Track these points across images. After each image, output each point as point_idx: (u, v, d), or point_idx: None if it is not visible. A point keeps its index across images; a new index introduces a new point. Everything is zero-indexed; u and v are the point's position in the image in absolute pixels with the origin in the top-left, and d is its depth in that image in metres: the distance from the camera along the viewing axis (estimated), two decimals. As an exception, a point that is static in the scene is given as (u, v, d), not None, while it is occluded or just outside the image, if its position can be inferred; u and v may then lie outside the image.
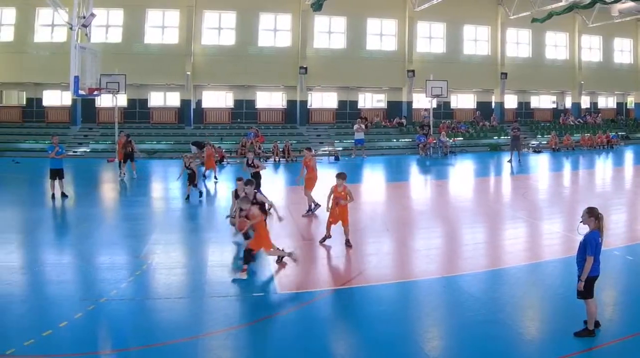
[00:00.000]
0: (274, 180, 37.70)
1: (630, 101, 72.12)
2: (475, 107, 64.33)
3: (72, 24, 34.45)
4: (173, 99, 56.20)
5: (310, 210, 24.48)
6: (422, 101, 58.35)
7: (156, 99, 56.40)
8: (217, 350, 11.77)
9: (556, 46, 64.36)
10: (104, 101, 52.11)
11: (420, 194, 34.36)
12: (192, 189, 28.27)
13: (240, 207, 17.24)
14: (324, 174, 28.34)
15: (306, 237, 21.02)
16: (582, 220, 12.00)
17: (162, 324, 13.03)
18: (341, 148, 51.39)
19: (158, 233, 21.39)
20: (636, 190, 33.51)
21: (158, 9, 52.70)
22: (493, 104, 63.06)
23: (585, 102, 68.67)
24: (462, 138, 56.01)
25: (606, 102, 72.31)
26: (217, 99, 57.95)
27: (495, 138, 57.22)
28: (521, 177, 38.51)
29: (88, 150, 48.53)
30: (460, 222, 24.54)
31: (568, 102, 67.61)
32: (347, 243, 19.03)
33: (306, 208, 24.54)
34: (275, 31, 55.39)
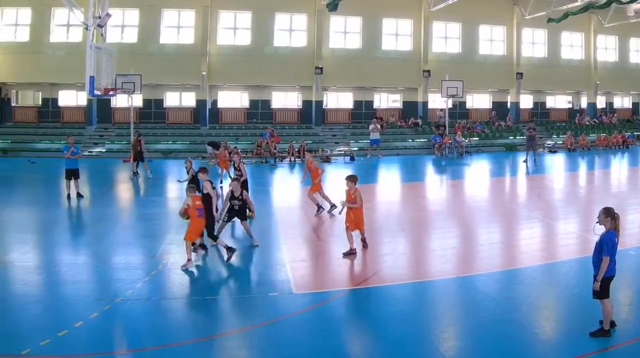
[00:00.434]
0: (290, 180, 37.72)
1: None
2: (490, 107, 64.06)
3: (88, 24, 34.50)
4: (189, 99, 56.23)
5: (320, 208, 24.53)
6: (438, 101, 58.06)
7: (172, 99, 56.46)
8: (233, 350, 11.80)
9: (572, 46, 63.96)
10: (120, 101, 52.06)
11: (435, 194, 34.28)
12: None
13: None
14: (340, 175, 28.28)
15: (320, 237, 21.00)
16: (599, 220, 11.94)
17: (178, 324, 13.06)
18: (357, 148, 51.30)
19: (173, 233, 21.36)
20: (653, 190, 33.39)
21: (173, 9, 52.74)
22: (509, 104, 62.73)
23: (600, 102, 68.20)
24: (478, 138, 55.82)
25: (622, 102, 71.83)
26: (233, 99, 57.92)
27: (510, 138, 56.95)
28: (537, 177, 38.36)
29: (103, 150, 48.67)
30: (475, 222, 24.49)
31: (584, 102, 67.18)
32: (364, 242, 18.78)
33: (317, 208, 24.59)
34: (290, 31, 55.31)
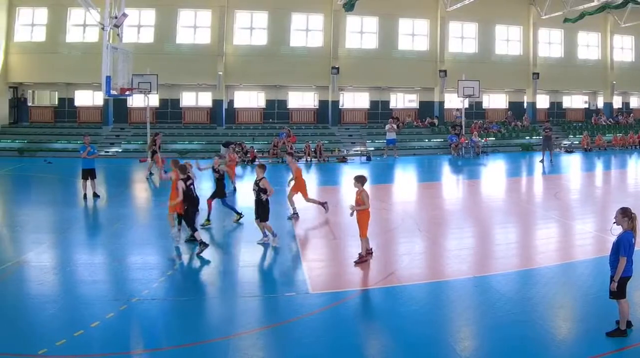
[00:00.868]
0: (307, 180, 37.68)
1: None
2: (507, 107, 63.87)
3: (104, 24, 34.55)
4: (205, 99, 56.27)
5: (295, 213, 24.23)
6: (454, 101, 57.90)
7: (188, 99, 56.49)
8: (249, 349, 11.81)
9: (588, 46, 63.64)
10: (136, 101, 52.32)
11: (452, 194, 34.19)
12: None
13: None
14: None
15: (337, 236, 21.00)
16: (616, 220, 11.92)
17: (194, 324, 13.11)
18: (373, 148, 51.22)
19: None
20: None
21: (190, 9, 52.80)
22: (525, 104, 62.49)
23: (617, 102, 67.87)
24: (494, 138, 55.64)
25: (638, 102, 71.17)
26: (249, 99, 57.90)
27: (527, 138, 56.73)
28: (553, 177, 38.26)
29: (120, 150, 48.76)
30: (492, 222, 24.51)
31: (600, 102, 66.87)
32: (359, 258, 17.62)
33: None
34: (307, 31, 55.24)
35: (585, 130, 58.03)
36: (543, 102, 64.79)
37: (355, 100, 59.95)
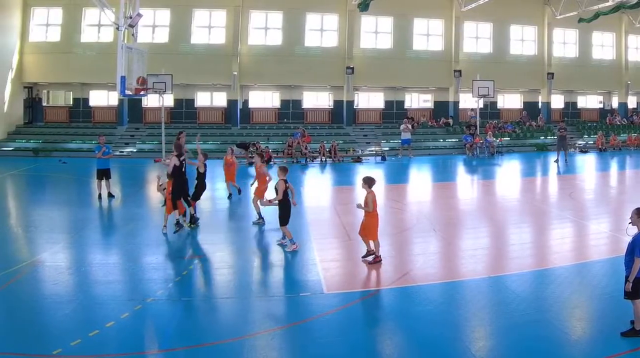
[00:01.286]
0: (321, 180, 37.80)
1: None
2: (521, 107, 63.83)
3: (119, 24, 34.61)
4: (220, 99, 56.36)
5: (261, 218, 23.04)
6: (469, 101, 57.89)
7: (203, 99, 56.68)
8: (264, 350, 11.85)
9: (603, 46, 63.41)
10: (151, 101, 52.42)
11: (467, 194, 34.08)
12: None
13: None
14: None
15: (352, 237, 20.99)
16: (631, 221, 11.88)
17: (209, 324, 13.16)
18: (388, 148, 51.15)
19: (204, 233, 21.50)
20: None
21: (204, 9, 52.89)
22: (540, 104, 62.42)
23: (632, 102, 67.71)
24: (509, 138, 55.50)
25: (653, 102, 71.40)
26: (264, 99, 58.10)
27: (541, 138, 56.54)
28: (568, 177, 38.17)
29: (135, 150, 48.93)
30: (506, 222, 24.42)
31: (615, 102, 66.70)
32: (366, 254, 17.77)
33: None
34: (321, 31, 55.23)
35: (599, 130, 57.84)
36: (558, 102, 64.61)
37: (370, 100, 60.05)
